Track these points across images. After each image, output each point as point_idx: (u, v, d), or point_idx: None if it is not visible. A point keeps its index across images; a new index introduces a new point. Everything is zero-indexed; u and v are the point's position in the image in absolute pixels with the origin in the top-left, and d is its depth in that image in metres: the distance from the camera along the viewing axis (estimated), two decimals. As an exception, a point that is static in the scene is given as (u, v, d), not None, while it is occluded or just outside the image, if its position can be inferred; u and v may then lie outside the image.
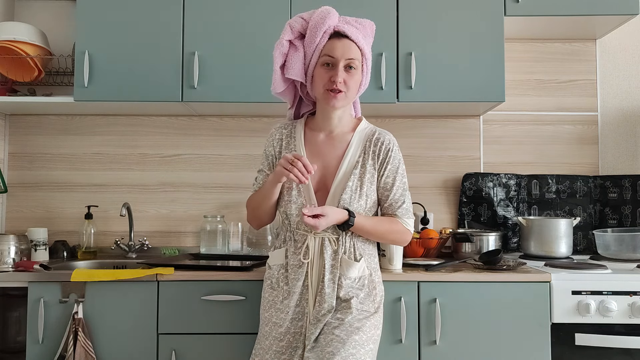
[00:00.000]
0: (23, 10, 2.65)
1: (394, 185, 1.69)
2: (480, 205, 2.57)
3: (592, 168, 2.65)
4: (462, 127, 2.65)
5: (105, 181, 2.64)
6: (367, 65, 1.67)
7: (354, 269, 1.64)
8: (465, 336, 1.95)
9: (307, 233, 1.66)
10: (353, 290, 1.63)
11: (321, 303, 1.61)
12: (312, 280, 1.63)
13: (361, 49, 1.64)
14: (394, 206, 1.70)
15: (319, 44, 1.63)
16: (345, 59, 1.61)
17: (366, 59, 1.65)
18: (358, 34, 1.64)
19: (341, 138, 1.71)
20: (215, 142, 2.65)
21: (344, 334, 1.55)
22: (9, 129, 2.65)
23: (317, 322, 1.60)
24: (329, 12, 1.63)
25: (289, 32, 1.67)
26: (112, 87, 2.28)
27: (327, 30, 1.63)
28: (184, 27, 2.29)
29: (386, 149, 1.69)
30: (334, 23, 1.63)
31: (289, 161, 1.55)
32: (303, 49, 1.67)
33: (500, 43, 2.27)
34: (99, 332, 1.96)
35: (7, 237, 2.10)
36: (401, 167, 1.71)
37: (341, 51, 1.61)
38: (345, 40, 1.62)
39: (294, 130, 1.75)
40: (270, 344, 1.64)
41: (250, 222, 1.80)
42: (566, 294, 1.94)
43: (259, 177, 1.77)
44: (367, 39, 1.68)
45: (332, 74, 1.62)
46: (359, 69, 1.64)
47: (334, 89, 1.61)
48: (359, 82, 1.67)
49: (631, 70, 2.67)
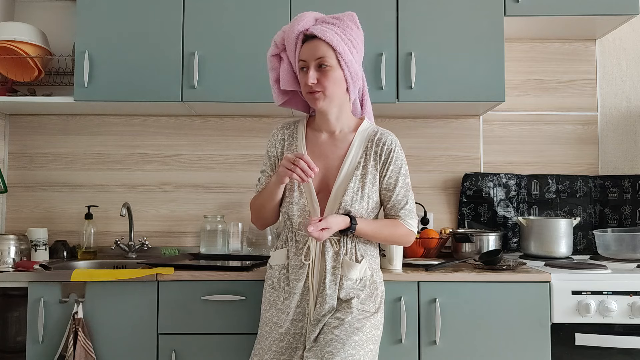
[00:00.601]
0: (23, 10, 2.65)
1: (396, 186, 1.68)
2: (480, 205, 2.57)
3: (592, 168, 2.65)
4: (462, 127, 2.65)
5: (105, 181, 2.64)
6: (346, 59, 1.61)
7: (355, 270, 1.64)
8: (465, 336, 1.95)
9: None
10: (354, 291, 1.63)
11: (322, 304, 1.61)
12: (313, 282, 1.63)
13: (333, 46, 1.60)
14: (396, 207, 1.69)
15: (296, 51, 1.66)
16: (314, 59, 1.61)
17: (339, 52, 1.60)
18: (329, 31, 1.60)
19: (343, 138, 1.71)
20: (215, 142, 2.65)
21: (343, 334, 1.54)
22: (9, 129, 2.65)
23: (318, 322, 1.60)
24: (299, 19, 1.65)
25: (273, 47, 1.72)
26: (112, 87, 2.28)
27: (299, 36, 1.65)
28: (184, 27, 2.29)
29: (388, 150, 1.68)
30: (305, 27, 1.64)
31: (291, 161, 1.54)
32: (287, 59, 1.71)
33: (500, 43, 2.27)
34: (99, 332, 1.96)
35: (7, 237, 2.10)
36: (404, 168, 1.70)
37: (310, 53, 1.61)
38: (314, 41, 1.62)
39: (296, 130, 1.75)
40: (270, 344, 1.64)
41: (254, 223, 1.80)
42: (566, 294, 1.94)
43: (262, 178, 1.77)
44: (347, 33, 1.63)
45: (306, 78, 1.63)
46: (334, 66, 1.61)
47: (310, 91, 1.62)
48: (340, 79, 1.63)
49: (631, 70, 2.67)
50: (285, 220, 1.72)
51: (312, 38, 1.63)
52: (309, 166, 1.53)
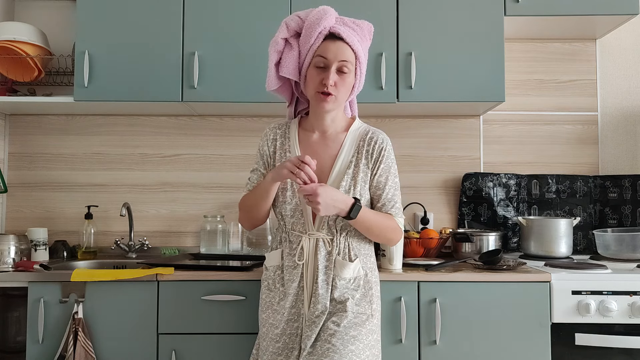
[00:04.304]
0: (23, 10, 2.65)
1: (386, 184, 1.67)
2: (480, 205, 2.57)
3: (592, 168, 2.65)
4: (462, 127, 2.65)
5: (105, 181, 2.64)
6: (361, 69, 1.64)
7: (348, 269, 1.63)
8: (465, 336, 1.95)
9: (301, 234, 1.65)
10: (348, 291, 1.62)
11: (315, 304, 1.60)
12: (307, 282, 1.63)
13: (355, 52, 1.61)
14: (387, 205, 1.68)
15: (314, 45, 1.61)
16: (338, 61, 1.59)
17: (360, 62, 1.63)
18: (353, 36, 1.61)
19: (334, 138, 1.71)
20: (215, 142, 2.65)
21: (340, 344, 1.53)
22: (9, 129, 2.65)
23: (312, 324, 1.59)
24: (326, 13, 1.61)
25: (284, 30, 1.66)
26: (112, 87, 2.28)
27: (322, 31, 1.61)
28: (184, 27, 2.29)
29: (379, 148, 1.67)
30: (330, 24, 1.61)
31: (296, 165, 1.52)
32: (298, 48, 1.66)
33: (500, 43, 2.27)
34: (99, 332, 1.96)
35: (7, 237, 2.10)
36: (393, 167, 1.70)
37: (334, 53, 1.59)
38: (339, 42, 1.60)
39: (288, 130, 1.75)
40: (267, 345, 1.64)
41: (242, 223, 1.76)
42: (566, 294, 1.94)
43: (253, 176, 1.75)
44: (364, 42, 1.65)
45: (323, 77, 1.60)
46: (351, 72, 1.62)
47: (324, 92, 1.60)
48: (352, 85, 1.65)
49: (631, 70, 2.67)
50: (279, 220, 1.71)
51: (336, 38, 1.60)
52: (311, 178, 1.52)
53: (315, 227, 1.65)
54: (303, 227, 1.66)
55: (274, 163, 1.72)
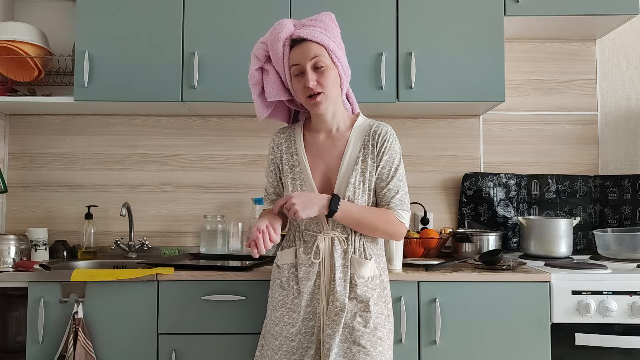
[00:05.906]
0: (23, 10, 2.65)
1: (389, 175, 1.67)
2: (480, 205, 2.57)
3: (592, 168, 2.65)
4: (462, 127, 2.65)
5: (105, 181, 2.64)
6: (338, 57, 1.64)
7: (366, 267, 1.64)
8: (465, 336, 1.95)
9: (316, 233, 1.67)
10: (368, 290, 1.63)
11: (334, 302, 1.60)
12: (324, 280, 1.63)
13: (322, 44, 1.61)
14: (387, 196, 1.66)
15: (284, 59, 1.65)
16: (309, 60, 1.61)
17: (331, 50, 1.62)
18: (315, 31, 1.62)
19: (340, 136, 1.71)
20: (215, 142, 2.65)
21: (369, 345, 1.57)
22: (9, 129, 2.65)
23: (332, 322, 1.59)
24: (281, 25, 1.64)
25: (255, 61, 1.72)
26: (112, 87, 2.28)
27: (285, 42, 1.64)
28: (184, 27, 2.29)
29: (383, 139, 1.67)
30: (288, 33, 1.64)
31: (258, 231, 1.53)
32: (274, 69, 1.70)
33: (500, 43, 2.27)
34: (99, 332, 1.96)
35: (7, 237, 2.10)
36: (398, 158, 1.68)
37: (303, 56, 1.61)
38: (304, 44, 1.62)
39: (293, 133, 1.76)
40: (280, 344, 1.64)
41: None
42: (566, 294, 1.94)
43: (268, 187, 1.81)
44: (329, 32, 1.65)
45: (304, 81, 1.62)
46: (329, 64, 1.62)
47: (311, 94, 1.62)
48: (336, 77, 1.65)
49: (631, 70, 2.67)
50: (292, 220, 1.73)
51: (300, 42, 1.63)
52: (271, 238, 1.53)
53: (329, 225, 1.66)
54: (317, 226, 1.67)
55: (283, 167, 1.74)
